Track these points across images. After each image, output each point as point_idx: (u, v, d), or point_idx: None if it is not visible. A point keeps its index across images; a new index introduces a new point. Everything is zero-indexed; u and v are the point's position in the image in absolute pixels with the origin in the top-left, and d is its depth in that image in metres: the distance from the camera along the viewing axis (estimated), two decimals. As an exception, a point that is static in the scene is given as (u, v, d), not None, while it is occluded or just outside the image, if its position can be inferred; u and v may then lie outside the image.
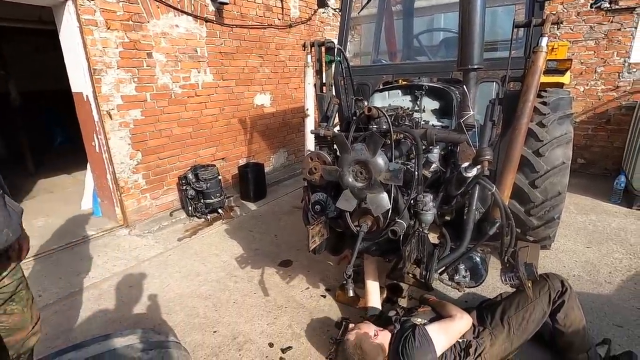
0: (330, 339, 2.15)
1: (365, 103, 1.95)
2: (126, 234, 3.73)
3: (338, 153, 1.81)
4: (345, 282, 1.63)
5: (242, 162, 5.08)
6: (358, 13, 2.83)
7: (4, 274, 1.39)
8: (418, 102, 2.12)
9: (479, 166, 1.47)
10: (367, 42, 3.05)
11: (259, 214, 4.32)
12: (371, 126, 1.69)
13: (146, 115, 3.82)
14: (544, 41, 1.60)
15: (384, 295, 2.49)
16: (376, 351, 1.70)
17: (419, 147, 1.54)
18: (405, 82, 2.47)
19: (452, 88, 2.07)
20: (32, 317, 1.54)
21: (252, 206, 4.58)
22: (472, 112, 1.60)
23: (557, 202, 2.45)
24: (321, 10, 6.07)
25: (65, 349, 1.10)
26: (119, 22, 3.46)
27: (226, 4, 4.27)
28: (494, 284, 2.65)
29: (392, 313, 2.01)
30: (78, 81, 3.46)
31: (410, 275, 2.89)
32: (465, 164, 1.48)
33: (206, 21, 4.27)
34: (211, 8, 4.30)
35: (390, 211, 1.62)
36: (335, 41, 2.26)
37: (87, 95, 3.44)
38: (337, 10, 6.26)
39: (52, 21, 3.47)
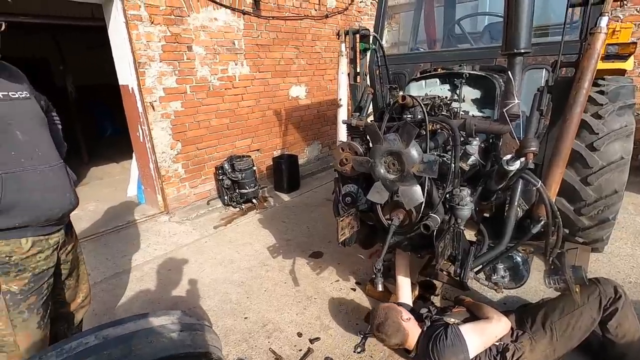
0: (359, 333, 2.14)
1: (400, 92, 1.87)
2: (166, 220, 3.92)
3: (370, 144, 1.76)
4: (374, 276, 1.59)
5: (277, 153, 5.14)
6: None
7: (69, 248, 1.51)
8: (457, 91, 2.01)
9: (522, 159, 1.36)
10: (406, 31, 2.93)
11: (292, 205, 4.36)
12: (405, 116, 1.62)
13: (186, 106, 3.96)
14: (604, 21, 1.44)
15: (416, 292, 2.42)
16: (397, 329, 1.73)
17: (456, 138, 1.45)
18: (443, 70, 2.35)
19: (495, 76, 1.94)
20: (83, 291, 1.68)
21: (285, 197, 4.63)
22: (516, 101, 1.48)
23: (612, 202, 2.23)
24: (358, -1, 5.94)
25: (104, 324, 1.17)
26: (161, 16, 3.59)
27: (263, -5, 4.29)
28: (536, 287, 2.49)
29: (423, 310, 1.94)
30: (124, 74, 3.65)
31: (444, 272, 2.80)
32: (508, 157, 1.38)
33: (244, 13, 4.32)
34: (249, 0, 4.35)
35: (423, 205, 1.56)
36: (371, 29, 2.19)
37: (132, 88, 3.63)
38: (375, -2, 6.11)
39: (101, 18, 3.68)
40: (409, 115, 1.61)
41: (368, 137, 1.66)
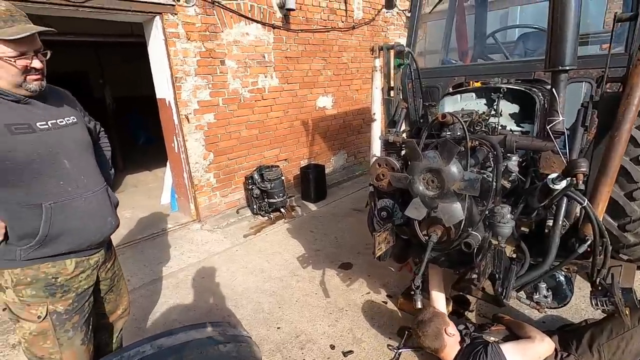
0: (389, 346, 2.14)
1: (438, 109, 1.88)
2: (198, 228, 4.04)
3: (408, 160, 1.77)
4: (413, 292, 1.59)
5: (304, 163, 5.20)
6: (430, 12, 2.73)
7: (108, 265, 1.59)
8: (494, 106, 1.99)
9: (569, 178, 1.33)
10: (433, 40, 2.92)
11: (320, 215, 4.39)
12: (444, 133, 1.62)
13: (218, 118, 4.10)
14: (655, 36, 1.40)
15: (450, 307, 2.38)
16: (435, 336, 1.74)
17: (498, 156, 1.44)
18: (478, 84, 2.33)
19: (534, 90, 1.91)
20: (123, 304, 1.75)
21: (312, 207, 4.67)
22: (561, 118, 1.46)
23: (659, 218, 2.13)
24: (384, 9, 5.97)
25: (158, 334, 1.23)
26: (197, 33, 3.76)
27: (293, 10, 4.40)
28: (577, 306, 2.39)
29: (460, 327, 1.91)
30: (162, 88, 3.82)
31: (479, 288, 2.74)
32: (554, 175, 1.36)
33: (273, 28, 4.45)
34: (279, 15, 4.47)
35: (463, 222, 1.55)
36: (403, 42, 2.22)
37: (169, 101, 3.80)
38: (405, 11, 6.12)
39: (140, 34, 3.89)
40: (448, 132, 1.61)
41: (406, 153, 1.67)
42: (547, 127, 1.49)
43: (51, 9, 2.91)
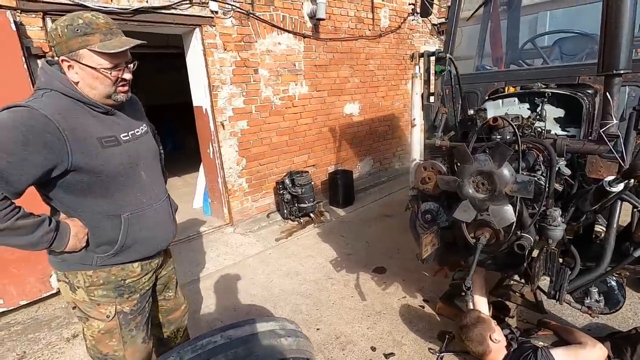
0: (431, 350, 2.15)
1: (489, 113, 1.90)
2: (231, 231, 4.15)
3: (454, 163, 1.80)
4: (464, 294, 1.61)
5: (331, 169, 5.27)
6: (467, 20, 2.76)
7: (164, 265, 1.65)
8: (538, 110, 2.00)
9: (627, 181, 1.34)
10: (464, 46, 2.93)
11: (348, 220, 4.43)
12: (494, 136, 1.65)
13: (251, 125, 4.23)
14: None
15: (490, 313, 2.37)
16: (480, 342, 1.73)
17: (553, 159, 1.46)
18: (513, 90, 2.34)
19: (580, 94, 1.91)
20: (183, 299, 1.82)
21: (340, 212, 4.72)
22: (615, 122, 1.47)
23: None
24: (410, 17, 6.03)
25: (226, 326, 1.30)
26: (233, 43, 3.91)
27: (323, 19, 4.51)
28: (623, 314, 2.33)
29: (506, 332, 1.91)
30: (199, 96, 3.99)
31: (517, 294, 2.71)
32: (610, 178, 1.36)
33: (304, 37, 4.57)
34: (309, 24, 4.60)
35: (514, 225, 1.57)
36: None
37: (205, 109, 3.95)
38: (430, 18, 6.15)
39: (175, 45, 4.08)
40: (498, 136, 1.64)
41: (455, 157, 1.70)
42: (600, 131, 1.49)
43: (103, 24, 3.11)
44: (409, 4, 5.98)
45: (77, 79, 1.18)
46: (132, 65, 1.27)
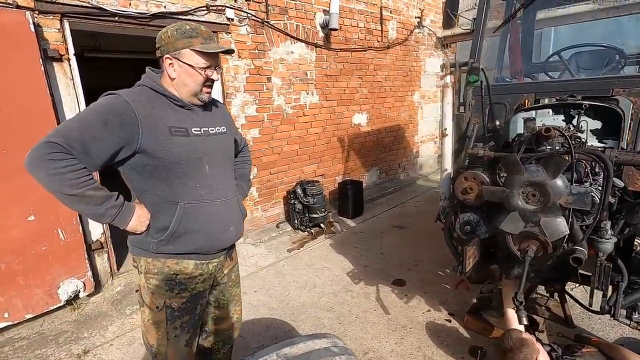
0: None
1: (540, 124, 1.88)
2: (242, 242, 4.04)
3: (497, 173, 1.77)
4: (516, 308, 1.56)
5: (339, 179, 5.22)
6: (493, 32, 2.78)
7: (226, 271, 1.59)
8: (574, 122, 1.99)
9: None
10: (482, 56, 2.92)
11: (360, 231, 4.37)
12: (543, 146, 1.63)
13: (263, 133, 4.17)
14: None
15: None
16: None
17: (609, 170, 1.44)
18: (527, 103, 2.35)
19: (620, 106, 1.91)
20: (237, 312, 1.72)
21: (350, 223, 4.65)
22: (667, 133, 1.46)
23: None
24: (416, 30, 6.11)
25: (280, 344, 1.23)
26: (247, 51, 3.88)
27: (336, 29, 4.52)
28: (654, 328, 2.30)
29: (547, 348, 1.85)
30: (211, 104, 3.92)
31: (543, 307, 2.66)
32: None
33: (316, 46, 4.57)
34: (321, 34, 4.61)
35: (565, 237, 1.53)
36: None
37: (218, 116, 3.88)
38: (434, 32, 6.23)
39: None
40: (548, 147, 1.61)
41: (503, 167, 1.67)
42: (651, 143, 1.48)
43: (119, 27, 3.05)
44: (415, 17, 6.06)
45: (174, 75, 1.33)
46: (219, 68, 1.42)
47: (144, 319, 1.45)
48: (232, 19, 3.68)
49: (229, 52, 1.40)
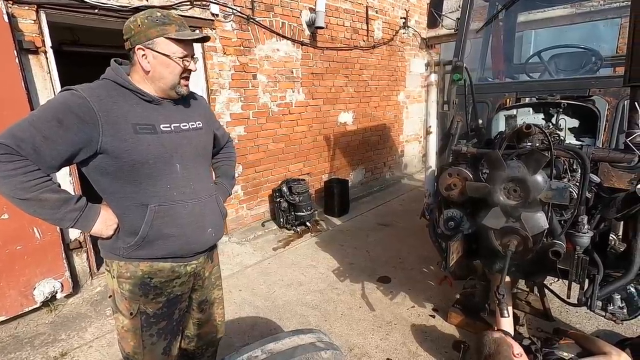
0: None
1: (521, 122, 1.93)
2: (226, 240, 3.99)
3: (479, 170, 1.80)
4: (498, 301, 1.59)
5: (325, 177, 5.22)
6: (477, 32, 2.83)
7: (206, 273, 1.52)
8: (553, 120, 2.05)
9: (660, 188, 1.37)
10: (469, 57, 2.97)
11: (345, 229, 4.38)
12: (524, 143, 1.66)
13: (248, 131, 4.13)
14: None
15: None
16: None
17: (586, 166, 1.48)
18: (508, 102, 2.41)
19: (596, 105, 1.98)
20: (219, 315, 1.65)
21: (336, 221, 4.66)
22: (640, 131, 1.51)
23: None
24: (402, 30, 6.17)
25: (265, 340, 1.21)
26: (232, 47, 3.83)
27: (322, 28, 4.52)
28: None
29: (526, 342, 1.89)
30: (196, 100, 3.86)
31: (524, 301, 2.73)
32: (643, 185, 1.39)
33: (302, 44, 4.56)
34: (307, 32, 4.60)
35: (544, 232, 1.57)
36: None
37: (202, 113, 3.82)
38: (419, 32, 6.30)
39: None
40: (529, 143, 1.65)
41: (486, 164, 1.70)
42: (627, 140, 1.54)
43: (99, 20, 2.96)
44: (401, 18, 6.12)
45: (149, 68, 1.22)
46: (196, 58, 1.32)
47: (118, 326, 1.37)
48: (217, 15, 3.63)
49: (206, 39, 1.30)
